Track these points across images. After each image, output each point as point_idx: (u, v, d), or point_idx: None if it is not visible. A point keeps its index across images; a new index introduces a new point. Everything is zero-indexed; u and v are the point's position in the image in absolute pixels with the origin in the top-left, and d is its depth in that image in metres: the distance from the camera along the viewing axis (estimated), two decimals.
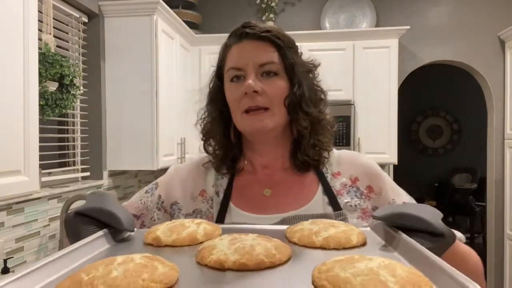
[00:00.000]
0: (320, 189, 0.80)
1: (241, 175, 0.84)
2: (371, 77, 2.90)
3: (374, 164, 0.84)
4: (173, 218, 0.83)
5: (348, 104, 2.89)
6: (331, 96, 0.89)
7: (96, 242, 0.58)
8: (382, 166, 3.18)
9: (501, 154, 3.11)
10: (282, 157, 0.83)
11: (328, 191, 0.79)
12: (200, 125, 0.86)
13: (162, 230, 0.62)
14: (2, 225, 1.58)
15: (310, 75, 0.82)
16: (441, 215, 0.60)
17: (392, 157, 2.93)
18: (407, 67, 3.19)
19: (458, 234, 0.77)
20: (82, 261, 0.52)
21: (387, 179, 0.83)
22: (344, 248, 0.55)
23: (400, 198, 0.81)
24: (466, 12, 3.18)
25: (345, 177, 0.81)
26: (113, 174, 2.42)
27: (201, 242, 0.59)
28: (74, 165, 2.22)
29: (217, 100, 0.83)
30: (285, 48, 0.78)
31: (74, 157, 2.23)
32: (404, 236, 0.53)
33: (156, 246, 0.59)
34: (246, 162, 0.85)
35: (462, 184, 5.30)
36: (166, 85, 2.43)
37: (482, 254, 4.05)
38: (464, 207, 5.11)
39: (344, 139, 2.88)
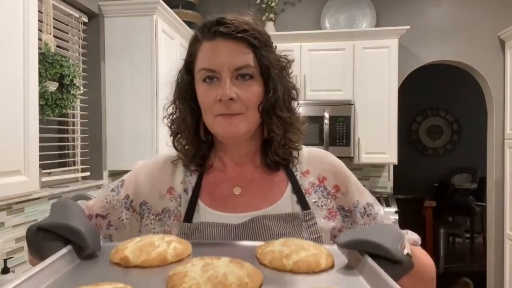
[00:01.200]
0: (289, 187, 0.79)
1: (211, 172, 0.82)
2: (371, 77, 2.91)
3: (342, 164, 0.85)
4: (142, 218, 0.81)
5: (348, 104, 2.89)
6: (331, 96, 0.87)
7: (60, 261, 0.56)
8: (382, 166, 3.21)
9: (501, 154, 3.11)
10: (253, 155, 0.82)
11: (297, 189, 0.78)
12: (168, 120, 0.82)
13: (131, 249, 0.59)
14: (2, 225, 1.58)
15: (284, 73, 0.79)
16: (402, 239, 0.62)
17: (392, 157, 2.93)
18: (407, 67, 3.19)
19: (414, 236, 0.82)
20: (47, 284, 0.50)
21: (353, 179, 0.84)
22: (314, 272, 0.57)
23: (364, 199, 0.82)
24: (466, 12, 3.18)
25: (314, 176, 0.81)
26: (113, 174, 2.42)
27: (172, 263, 0.58)
28: (74, 165, 2.22)
29: (187, 96, 0.79)
30: (261, 48, 0.74)
31: (74, 157, 2.23)
32: (369, 260, 0.55)
33: (124, 266, 0.57)
34: (216, 160, 0.83)
35: (462, 184, 5.30)
36: (166, 85, 2.42)
37: (482, 254, 4.06)
38: (464, 207, 5.11)
39: (344, 139, 2.88)
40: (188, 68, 0.78)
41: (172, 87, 0.83)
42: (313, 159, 0.83)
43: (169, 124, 0.82)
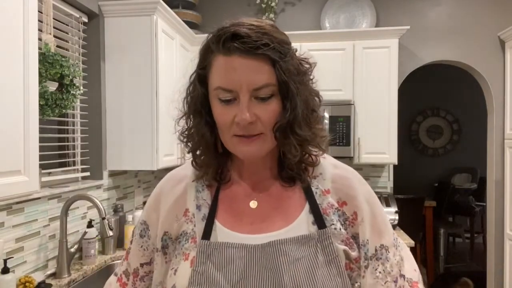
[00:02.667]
0: (306, 207, 0.75)
1: (228, 186, 0.79)
2: (371, 77, 2.90)
3: (369, 191, 0.79)
4: (166, 248, 0.79)
5: (348, 104, 2.89)
6: (331, 96, 0.82)
7: None
8: (382, 166, 3.21)
9: (501, 154, 3.11)
10: (271, 166, 0.78)
11: (315, 209, 0.74)
12: (184, 136, 0.78)
13: None
14: (2, 225, 1.58)
15: (305, 80, 0.73)
16: None
17: (392, 157, 2.92)
18: (407, 67, 3.19)
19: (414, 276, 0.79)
20: None
21: (377, 212, 0.77)
22: None
23: (379, 240, 0.75)
24: (466, 12, 3.18)
25: (333, 198, 0.76)
26: (113, 174, 2.42)
27: None
28: (74, 165, 2.22)
29: (202, 111, 0.73)
30: (281, 60, 0.67)
31: (74, 157, 2.23)
32: None
33: None
34: (233, 172, 0.80)
35: (462, 184, 5.30)
36: (166, 85, 2.43)
37: (482, 254, 4.06)
38: (464, 207, 5.11)
39: (344, 139, 2.88)
40: (201, 79, 0.73)
41: (181, 96, 0.77)
42: (337, 179, 0.78)
43: (185, 140, 0.78)
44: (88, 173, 2.26)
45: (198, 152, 0.78)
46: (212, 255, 0.71)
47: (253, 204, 0.77)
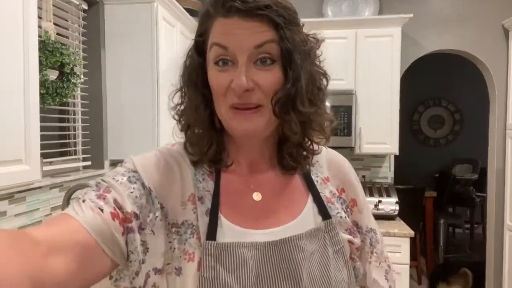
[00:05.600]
0: (310, 197, 0.71)
1: (227, 176, 0.69)
2: (373, 66, 2.88)
3: (355, 175, 0.80)
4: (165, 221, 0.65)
5: (349, 93, 2.88)
6: (333, 85, 0.79)
7: None
8: (383, 156, 3.21)
9: (503, 145, 3.10)
10: (270, 154, 0.72)
11: (318, 199, 0.71)
12: (177, 113, 0.69)
13: None
14: (4, 214, 1.59)
15: (311, 56, 0.66)
16: None
17: (393, 147, 2.92)
18: (409, 56, 3.17)
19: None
20: None
21: (362, 193, 0.79)
22: None
23: (370, 224, 0.77)
24: (470, 0, 3.14)
25: (333, 185, 0.74)
26: (114, 163, 2.42)
27: None
28: (75, 154, 2.22)
29: (197, 82, 0.66)
30: (286, 27, 0.60)
31: (75, 146, 2.23)
32: None
33: None
34: (230, 159, 0.70)
35: (463, 174, 5.31)
36: (169, 72, 2.41)
37: (482, 244, 4.08)
38: (464, 198, 5.13)
39: (346, 129, 2.87)
40: (199, 49, 0.66)
41: (178, 73, 0.70)
42: (333, 166, 0.76)
43: (177, 117, 0.69)
44: (89, 162, 2.26)
45: (191, 131, 0.69)
46: (221, 256, 0.62)
47: (256, 196, 0.70)
